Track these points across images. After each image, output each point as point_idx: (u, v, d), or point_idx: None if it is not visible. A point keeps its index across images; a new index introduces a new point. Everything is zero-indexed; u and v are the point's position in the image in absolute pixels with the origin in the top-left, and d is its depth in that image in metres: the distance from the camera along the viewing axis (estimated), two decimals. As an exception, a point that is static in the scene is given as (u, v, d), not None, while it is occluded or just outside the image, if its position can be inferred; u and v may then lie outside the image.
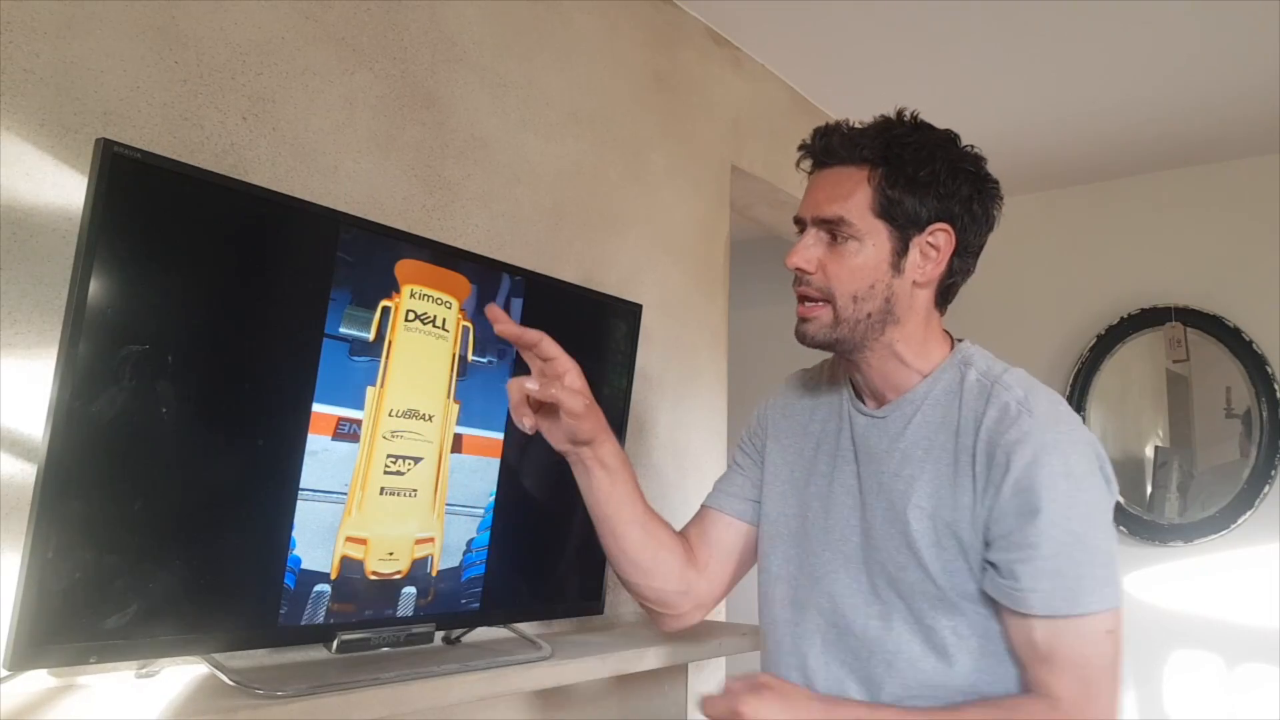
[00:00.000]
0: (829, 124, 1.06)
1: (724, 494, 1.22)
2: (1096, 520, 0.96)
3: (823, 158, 1.05)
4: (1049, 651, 0.94)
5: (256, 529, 1.02)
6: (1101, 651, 0.95)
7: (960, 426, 1.01)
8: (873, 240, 1.01)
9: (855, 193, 1.01)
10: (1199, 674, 2.65)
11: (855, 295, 1.02)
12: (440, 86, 1.45)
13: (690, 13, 2.03)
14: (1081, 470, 0.96)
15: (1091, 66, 2.23)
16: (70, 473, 0.85)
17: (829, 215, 1.02)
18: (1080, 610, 0.93)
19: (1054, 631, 0.94)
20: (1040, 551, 0.93)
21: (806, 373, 1.24)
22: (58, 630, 0.85)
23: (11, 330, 0.96)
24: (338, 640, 1.08)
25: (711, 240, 2.05)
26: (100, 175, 0.86)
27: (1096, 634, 0.94)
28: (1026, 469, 0.94)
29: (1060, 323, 2.99)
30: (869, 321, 1.03)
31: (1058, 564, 0.93)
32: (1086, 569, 0.94)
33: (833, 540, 1.07)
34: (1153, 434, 2.86)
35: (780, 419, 1.20)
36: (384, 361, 1.12)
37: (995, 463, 0.96)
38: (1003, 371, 1.03)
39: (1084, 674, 0.94)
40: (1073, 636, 0.94)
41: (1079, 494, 0.95)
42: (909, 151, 1.01)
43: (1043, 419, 0.97)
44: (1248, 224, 2.74)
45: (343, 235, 1.09)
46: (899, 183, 1.01)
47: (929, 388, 1.05)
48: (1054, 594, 0.93)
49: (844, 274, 1.02)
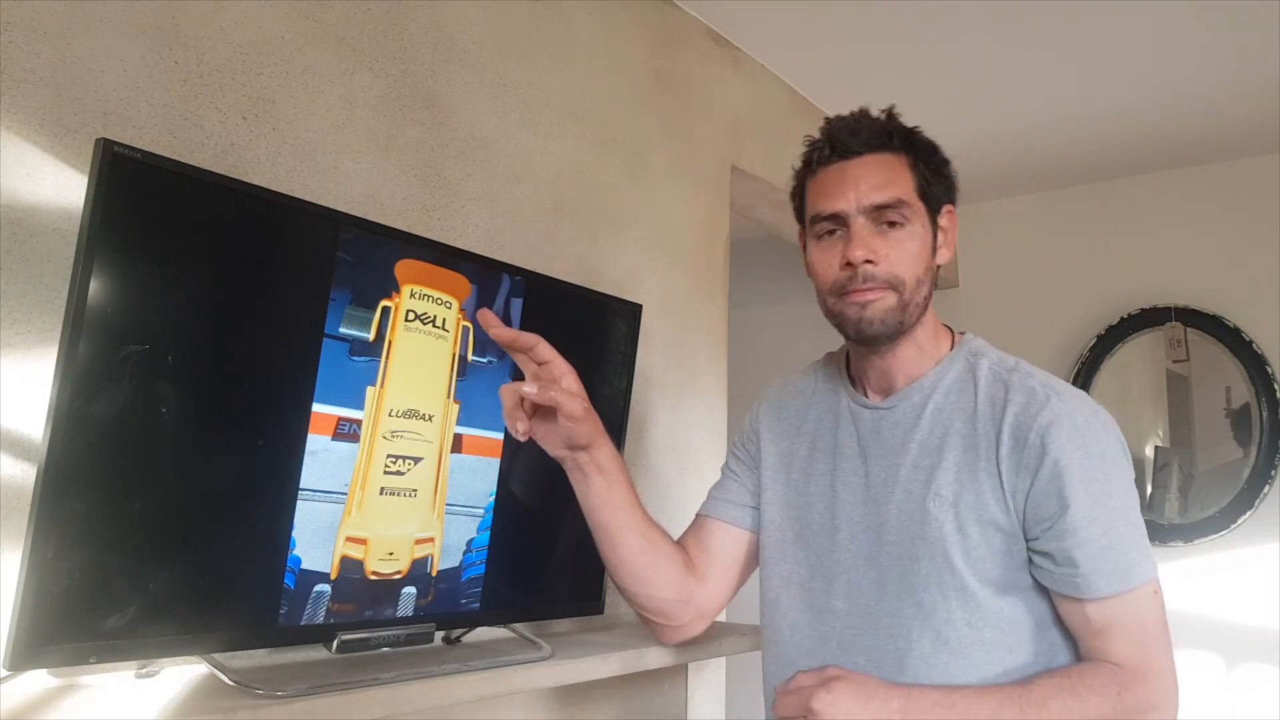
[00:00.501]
0: (844, 115, 1.07)
1: (721, 501, 1.21)
2: (1131, 494, 1.00)
3: (852, 147, 1.03)
4: (1105, 625, 0.97)
5: (256, 529, 1.02)
6: (1153, 614, 0.99)
7: (978, 413, 1.01)
8: (920, 223, 1.04)
9: (900, 176, 1.03)
10: (1199, 674, 2.65)
11: (918, 279, 1.03)
12: (440, 86, 1.45)
13: (690, 13, 2.03)
14: (1113, 449, 0.99)
15: (1092, 66, 2.23)
16: (70, 473, 0.85)
17: (886, 199, 1.01)
18: (1134, 584, 0.97)
19: (1109, 608, 0.97)
20: (1092, 534, 0.96)
21: (793, 375, 1.23)
22: (58, 630, 0.85)
23: (11, 330, 0.96)
24: (338, 640, 1.08)
25: (711, 240, 2.05)
26: (100, 175, 0.86)
27: (1147, 599, 0.98)
28: (1064, 451, 0.96)
29: (1060, 323, 3.00)
30: (922, 305, 1.05)
31: (1110, 542, 0.96)
32: (1132, 542, 0.97)
33: (841, 540, 1.06)
34: (1153, 434, 2.86)
35: (774, 422, 1.19)
36: (384, 361, 1.12)
37: (1029, 445, 0.97)
38: (1017, 362, 1.06)
39: (1141, 638, 0.97)
40: (1128, 607, 0.97)
41: (1115, 470, 0.98)
42: (921, 137, 1.05)
43: (1071, 402, 1.00)
44: (1248, 224, 2.74)
45: (343, 235, 1.09)
46: (930, 165, 1.04)
47: (939, 376, 1.05)
48: (1113, 575, 0.96)
49: (907, 259, 1.02)
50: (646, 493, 1.78)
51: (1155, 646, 0.98)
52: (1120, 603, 0.97)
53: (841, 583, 1.05)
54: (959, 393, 1.04)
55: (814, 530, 1.09)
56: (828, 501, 1.08)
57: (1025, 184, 3.05)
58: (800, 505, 1.12)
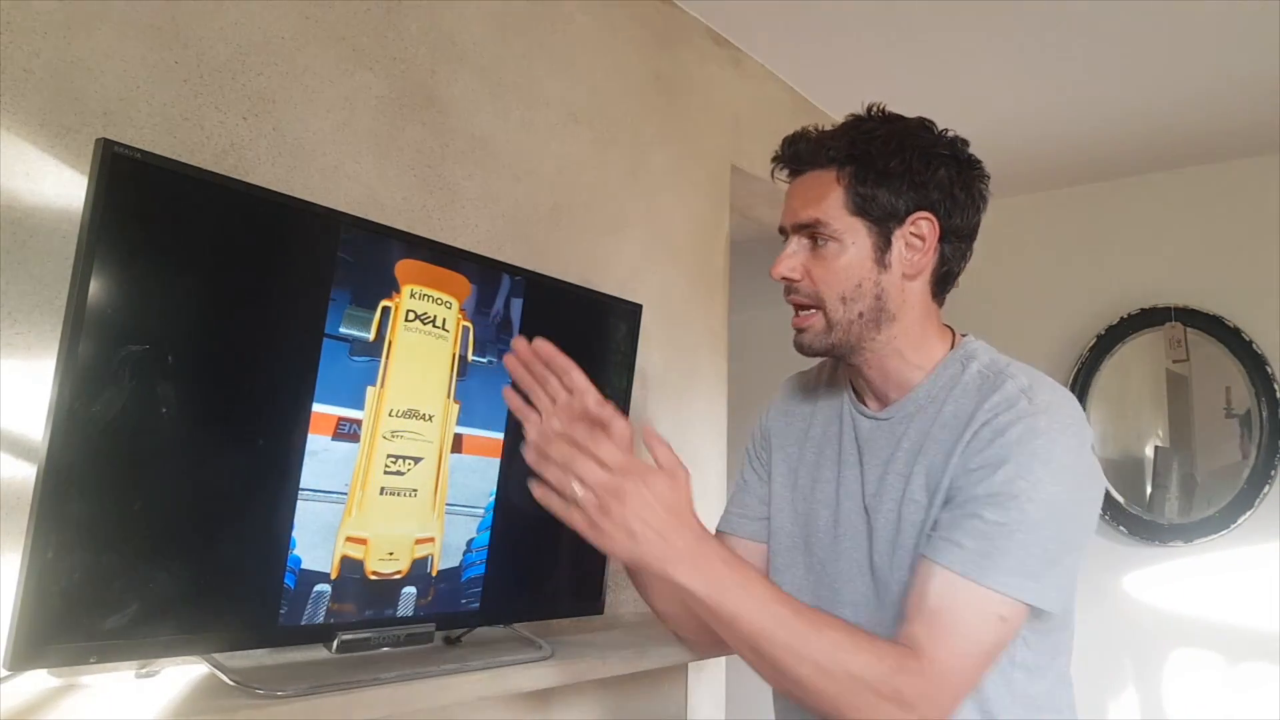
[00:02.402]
0: (797, 132, 1.06)
1: (737, 516, 1.20)
2: (1057, 517, 0.92)
3: (794, 165, 1.06)
4: (936, 608, 0.90)
5: (256, 529, 1.02)
6: (985, 633, 0.90)
7: (957, 417, 0.99)
8: (852, 239, 1.01)
9: (828, 194, 1.01)
10: (1199, 674, 2.64)
11: (843, 296, 1.02)
12: (440, 86, 1.45)
13: (690, 13, 2.03)
14: (1063, 464, 0.92)
15: (1091, 67, 2.23)
16: (70, 473, 0.85)
17: (805, 219, 1.02)
18: (986, 581, 0.89)
19: (951, 590, 0.90)
20: (984, 517, 0.91)
21: (803, 375, 1.23)
22: (58, 630, 0.85)
23: (11, 330, 0.96)
24: (338, 640, 1.08)
25: (711, 240, 2.05)
26: (100, 175, 0.86)
27: (989, 612, 0.90)
28: (1006, 444, 0.92)
29: (1060, 323, 2.99)
30: (861, 322, 1.02)
31: (993, 533, 0.90)
32: (1020, 551, 0.90)
33: (844, 549, 1.06)
34: (1153, 434, 2.86)
35: (782, 426, 1.19)
36: (384, 361, 1.12)
37: (980, 436, 0.95)
38: (1007, 364, 1.02)
39: (956, 645, 0.90)
40: (965, 602, 0.90)
41: (1048, 485, 0.91)
42: (876, 145, 1.00)
43: (1040, 406, 0.94)
44: (1248, 224, 2.74)
45: (343, 235, 1.09)
46: (869, 177, 1.00)
47: (932, 384, 1.04)
48: (975, 559, 0.90)
49: (829, 276, 1.02)
50: (646, 493, 1.78)
51: (964, 659, 0.90)
52: (963, 591, 0.89)
53: (847, 591, 1.05)
54: (948, 400, 1.02)
55: (820, 538, 1.09)
56: (832, 509, 1.08)
57: (1025, 184, 3.05)
58: (807, 512, 1.11)
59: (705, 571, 0.88)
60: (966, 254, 1.07)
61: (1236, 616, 2.62)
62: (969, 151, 1.05)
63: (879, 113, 1.05)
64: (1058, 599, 0.93)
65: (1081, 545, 0.95)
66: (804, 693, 0.90)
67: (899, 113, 1.05)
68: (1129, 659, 2.77)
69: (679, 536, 0.87)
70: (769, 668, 0.90)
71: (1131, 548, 2.79)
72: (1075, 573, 0.96)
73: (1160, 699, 2.70)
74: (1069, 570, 0.94)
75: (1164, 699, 2.69)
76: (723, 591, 0.87)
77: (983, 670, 0.92)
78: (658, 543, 0.86)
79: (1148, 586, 2.78)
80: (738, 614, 0.88)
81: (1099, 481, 0.98)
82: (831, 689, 0.88)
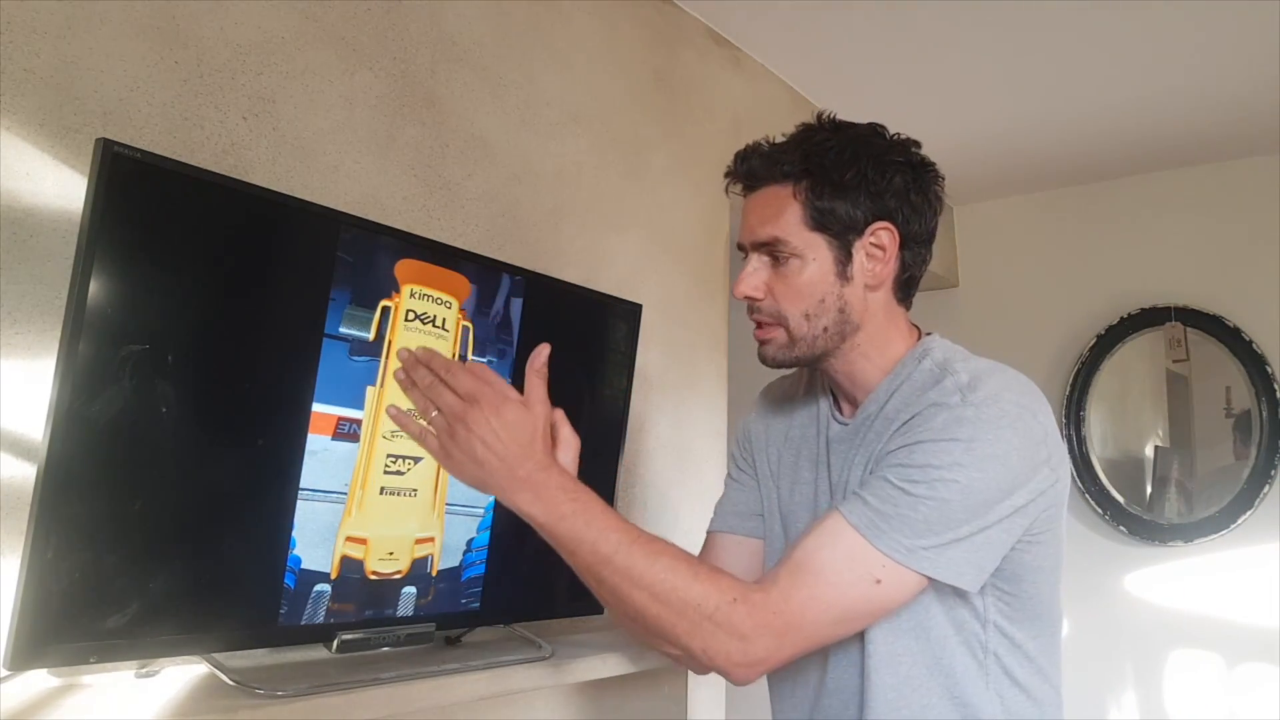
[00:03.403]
0: (749, 146, 1.05)
1: (730, 514, 1.19)
2: (970, 502, 0.89)
3: (748, 181, 1.04)
4: (811, 550, 0.90)
5: (256, 529, 1.02)
6: (853, 589, 0.89)
7: (901, 411, 0.98)
8: (813, 254, 1.00)
9: (785, 210, 1.00)
10: (1199, 674, 2.64)
11: (807, 313, 1.01)
12: (440, 86, 1.45)
13: (690, 13, 2.03)
14: (987, 453, 0.90)
15: (1092, 66, 2.23)
16: (70, 473, 0.85)
17: (764, 238, 1.01)
18: (876, 542, 0.88)
19: (838, 538, 0.89)
20: (893, 482, 0.90)
21: (780, 382, 1.22)
22: (58, 630, 0.85)
23: (11, 330, 0.96)
24: (338, 640, 1.09)
25: (711, 240, 2.05)
26: (100, 175, 0.86)
27: (864, 571, 0.89)
28: (930, 429, 0.92)
29: (1060, 323, 2.99)
30: (826, 336, 1.01)
31: (898, 499, 0.89)
32: (918, 525, 0.88)
33: None
34: (1153, 434, 2.86)
35: (762, 432, 1.19)
36: (384, 361, 1.12)
37: (909, 425, 0.94)
38: (960, 360, 1.00)
39: (817, 590, 0.89)
40: (846, 553, 0.89)
41: (967, 469, 0.89)
42: (830, 157, 0.98)
43: (973, 400, 0.92)
44: (1248, 224, 2.74)
45: (343, 235, 1.09)
46: (825, 191, 0.98)
47: (889, 386, 1.03)
48: (872, 513, 0.89)
49: (791, 294, 1.01)
50: (646, 494, 1.78)
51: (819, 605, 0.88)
52: (844, 541, 0.89)
53: None
54: (895, 395, 1.01)
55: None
56: (811, 512, 1.08)
57: (1025, 184, 3.05)
58: (788, 514, 1.12)
59: (545, 500, 0.88)
60: (927, 258, 1.06)
61: (1237, 616, 2.62)
62: (921, 154, 1.04)
63: (829, 121, 1.03)
64: (960, 574, 0.90)
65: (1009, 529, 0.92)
66: (643, 621, 0.89)
67: (849, 120, 1.03)
68: (1129, 659, 2.76)
69: (521, 465, 0.88)
70: (609, 594, 0.90)
71: (1132, 548, 2.79)
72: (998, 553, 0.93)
73: (1160, 699, 2.70)
74: (982, 549, 0.91)
75: (1164, 699, 2.69)
76: (560, 519, 0.88)
77: (841, 626, 0.91)
78: (500, 469, 0.88)
79: (1148, 586, 2.78)
80: (577, 541, 0.88)
81: (1047, 473, 0.94)
82: (667, 615, 0.88)
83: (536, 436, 0.89)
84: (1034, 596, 0.99)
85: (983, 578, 0.93)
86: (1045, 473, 0.94)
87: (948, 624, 0.96)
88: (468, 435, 0.87)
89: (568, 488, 0.90)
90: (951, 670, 0.96)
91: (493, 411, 0.87)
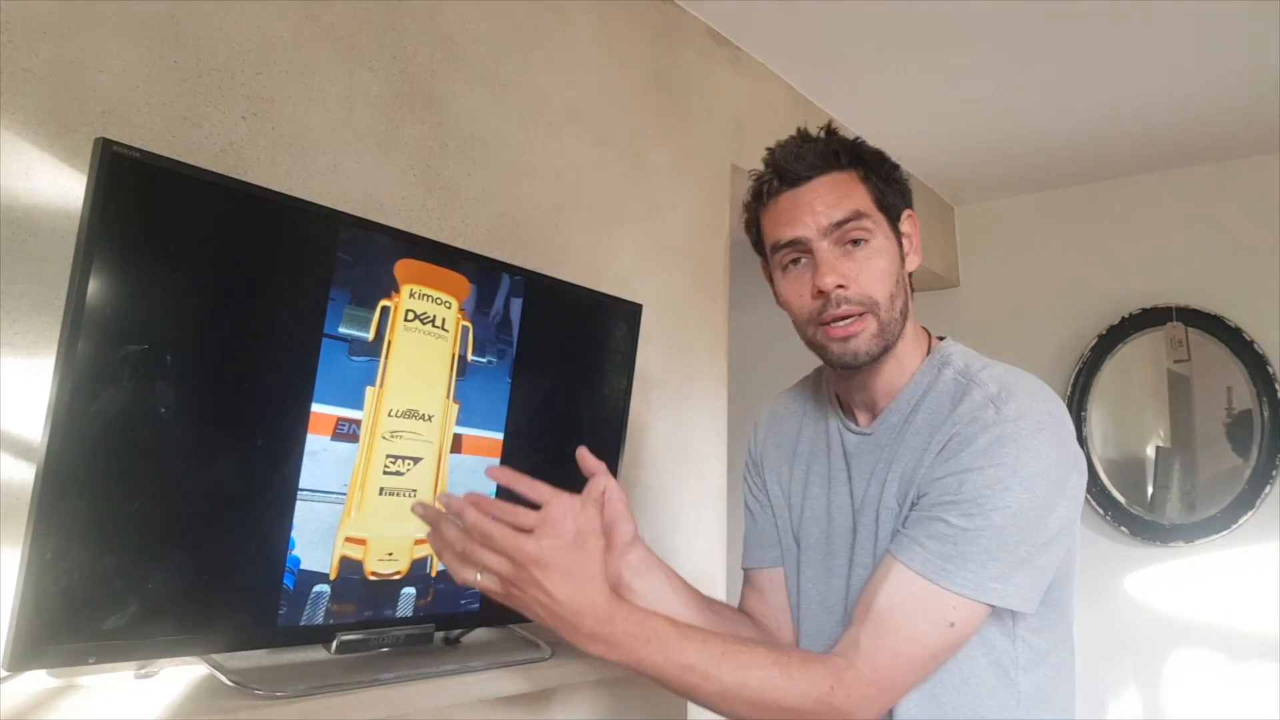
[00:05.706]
0: (792, 140, 1.04)
1: (756, 549, 1.18)
2: (1026, 522, 0.90)
3: (805, 172, 1.01)
4: (886, 608, 0.91)
5: (256, 529, 1.02)
6: (932, 637, 0.90)
7: (930, 424, 0.98)
8: (883, 235, 1.01)
9: (854, 191, 1.00)
10: (1200, 674, 2.64)
11: (891, 294, 0.99)
12: (440, 86, 1.45)
13: (690, 12, 2.02)
14: (1032, 471, 0.90)
15: (1092, 66, 2.23)
16: (69, 473, 0.85)
17: (846, 214, 0.98)
18: (943, 583, 0.89)
19: (905, 589, 0.90)
20: (949, 521, 0.90)
21: (784, 395, 1.22)
22: (57, 630, 0.85)
23: (11, 330, 0.96)
24: (337, 641, 1.08)
25: (711, 240, 2.05)
26: (100, 175, 0.86)
27: (939, 617, 0.90)
28: (974, 454, 0.92)
29: (1061, 323, 2.99)
30: (900, 321, 1.01)
31: (956, 537, 0.90)
32: (982, 556, 0.89)
33: (836, 566, 1.05)
34: (1154, 434, 2.86)
35: (771, 449, 1.19)
36: (383, 361, 1.12)
37: (949, 446, 0.94)
38: (981, 368, 1.00)
39: (899, 647, 0.90)
40: (917, 603, 0.90)
41: (1016, 493, 0.90)
42: (863, 149, 1.03)
43: (1008, 414, 0.93)
44: (1248, 224, 2.74)
45: (342, 235, 1.09)
46: (879, 176, 1.02)
47: (911, 391, 1.03)
48: (933, 556, 0.90)
49: (877, 275, 0.98)
50: (646, 494, 1.78)
51: (905, 662, 0.90)
52: (916, 591, 0.89)
53: (839, 607, 1.04)
54: (921, 405, 1.01)
55: (811, 555, 1.09)
56: (823, 525, 1.08)
57: (1025, 184, 3.05)
58: (799, 530, 1.11)
59: (618, 648, 0.88)
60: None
61: (1238, 617, 2.62)
62: None
63: (822, 130, 1.06)
64: (1025, 598, 0.92)
65: (1059, 542, 0.94)
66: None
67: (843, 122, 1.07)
68: (1130, 659, 2.76)
69: (583, 623, 0.86)
70: (710, 707, 0.92)
71: (1133, 548, 2.79)
72: (1053, 569, 0.94)
73: (1161, 699, 2.69)
74: (1042, 569, 0.93)
75: (1165, 699, 2.69)
76: (639, 662, 0.88)
77: (925, 672, 0.93)
78: (564, 628, 0.88)
79: (1149, 587, 2.77)
80: (661, 673, 0.89)
81: (1076, 478, 0.95)
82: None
83: (590, 581, 0.86)
84: (1055, 601, 0.99)
85: (1040, 596, 0.94)
86: (1075, 478, 0.95)
87: (977, 642, 0.96)
88: (522, 595, 0.86)
89: (634, 630, 0.88)
90: (978, 690, 0.96)
91: (540, 571, 0.84)
